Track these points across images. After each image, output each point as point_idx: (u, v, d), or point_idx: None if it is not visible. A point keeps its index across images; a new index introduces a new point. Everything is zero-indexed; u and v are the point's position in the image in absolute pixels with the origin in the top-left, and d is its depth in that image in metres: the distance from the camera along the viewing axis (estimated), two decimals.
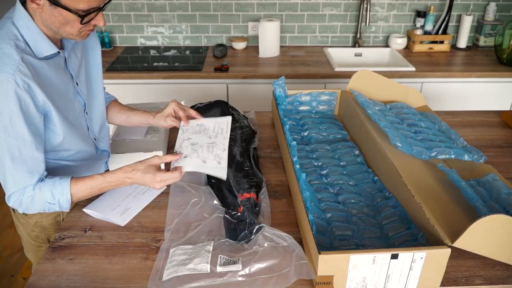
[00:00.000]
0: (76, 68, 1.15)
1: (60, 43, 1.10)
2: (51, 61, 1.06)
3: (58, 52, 1.06)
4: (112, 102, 1.39)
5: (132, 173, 1.07)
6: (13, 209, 1.24)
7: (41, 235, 1.27)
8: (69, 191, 1.05)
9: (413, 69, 2.35)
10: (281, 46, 2.74)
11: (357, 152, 1.41)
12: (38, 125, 1.03)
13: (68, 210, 1.10)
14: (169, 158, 1.12)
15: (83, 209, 1.16)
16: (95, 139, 1.27)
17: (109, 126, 1.36)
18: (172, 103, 1.29)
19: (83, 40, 1.07)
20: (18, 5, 1.01)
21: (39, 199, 1.04)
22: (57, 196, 1.04)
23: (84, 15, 0.98)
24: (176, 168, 1.10)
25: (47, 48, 1.03)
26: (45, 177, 1.06)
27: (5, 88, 0.94)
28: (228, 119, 1.22)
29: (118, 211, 1.16)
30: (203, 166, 1.09)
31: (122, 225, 1.13)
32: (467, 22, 2.64)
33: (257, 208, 1.15)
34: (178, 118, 1.29)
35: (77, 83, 1.15)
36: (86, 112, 1.21)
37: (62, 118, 1.08)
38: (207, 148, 1.14)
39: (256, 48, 2.68)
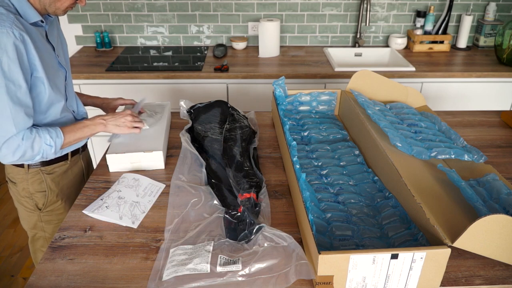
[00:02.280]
0: (55, 42, 1.31)
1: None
2: (36, 29, 1.21)
3: (42, 21, 1.21)
4: None
5: (107, 117, 1.35)
6: (7, 180, 1.41)
7: (30, 201, 1.39)
8: (62, 133, 1.24)
9: (413, 69, 2.35)
10: (281, 46, 2.74)
11: (357, 152, 1.41)
12: (28, 76, 1.17)
13: (59, 154, 1.31)
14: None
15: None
16: (73, 111, 1.41)
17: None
18: (120, 101, 1.61)
19: (62, 15, 1.27)
20: None
21: (38, 141, 1.19)
22: (54, 137, 1.22)
23: None
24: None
25: (34, 16, 1.18)
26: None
27: (5, 39, 1.09)
28: (162, 186, 1.30)
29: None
30: (118, 221, 1.14)
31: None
32: (467, 22, 2.64)
33: (257, 208, 1.15)
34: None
35: (57, 55, 1.31)
36: (66, 84, 1.36)
37: (47, 76, 1.22)
38: (129, 206, 1.19)
39: (256, 48, 2.68)
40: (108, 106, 1.61)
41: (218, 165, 1.33)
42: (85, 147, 1.53)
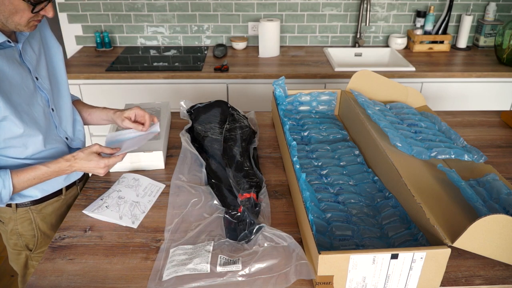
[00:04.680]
0: (33, 62, 1.14)
1: (14, 37, 1.10)
2: (2, 52, 1.05)
3: (9, 41, 1.06)
4: (74, 101, 1.37)
5: (74, 161, 1.10)
6: None
7: (19, 242, 1.27)
8: (11, 183, 1.05)
9: (413, 69, 2.35)
10: (281, 46, 2.74)
11: (357, 152, 1.41)
12: None
13: (4, 205, 1.09)
14: (108, 150, 1.16)
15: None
16: (66, 138, 1.25)
17: (83, 125, 1.35)
18: (136, 109, 1.29)
19: (31, 31, 1.08)
20: None
21: None
22: (0, 187, 1.04)
23: (35, 4, 1.01)
24: (117, 150, 1.17)
25: None
26: None
27: None
28: (162, 186, 1.29)
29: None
30: (118, 220, 1.14)
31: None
32: (467, 22, 2.64)
33: (257, 208, 1.15)
34: (138, 123, 1.30)
35: (36, 78, 1.14)
36: (52, 109, 1.19)
37: (17, 110, 1.06)
38: (129, 206, 1.19)
39: (256, 48, 2.68)
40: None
41: (218, 165, 1.33)
42: (82, 177, 1.38)
